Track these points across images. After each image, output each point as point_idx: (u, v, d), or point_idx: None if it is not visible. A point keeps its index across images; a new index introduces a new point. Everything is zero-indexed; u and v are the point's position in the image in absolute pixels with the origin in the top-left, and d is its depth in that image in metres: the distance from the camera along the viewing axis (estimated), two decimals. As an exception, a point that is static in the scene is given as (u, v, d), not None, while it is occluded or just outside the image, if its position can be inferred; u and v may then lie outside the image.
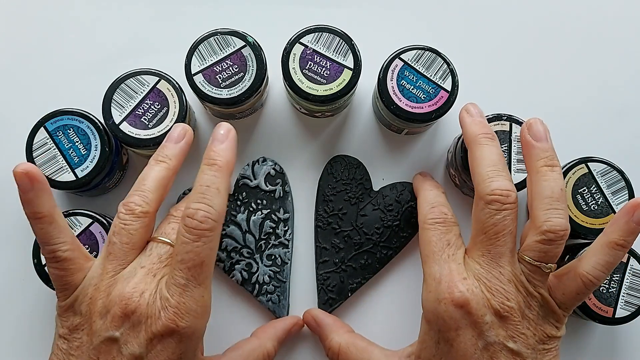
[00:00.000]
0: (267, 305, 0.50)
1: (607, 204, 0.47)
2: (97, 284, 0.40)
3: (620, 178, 0.47)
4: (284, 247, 0.51)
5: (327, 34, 0.47)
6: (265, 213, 0.51)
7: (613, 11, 0.55)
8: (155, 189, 0.42)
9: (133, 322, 0.38)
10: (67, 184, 0.47)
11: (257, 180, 0.51)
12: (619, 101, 0.54)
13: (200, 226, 0.38)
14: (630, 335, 0.51)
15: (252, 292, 0.50)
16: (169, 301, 0.38)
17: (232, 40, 0.48)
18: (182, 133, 0.44)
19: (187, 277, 0.38)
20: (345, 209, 0.51)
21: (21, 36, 0.54)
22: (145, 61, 0.50)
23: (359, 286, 0.51)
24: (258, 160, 0.52)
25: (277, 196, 0.51)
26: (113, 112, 0.47)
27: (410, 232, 0.51)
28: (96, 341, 0.38)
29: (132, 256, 0.41)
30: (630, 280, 0.46)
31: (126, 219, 0.40)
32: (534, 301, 0.41)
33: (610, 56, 0.54)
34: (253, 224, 0.51)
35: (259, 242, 0.51)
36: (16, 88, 0.54)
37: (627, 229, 0.40)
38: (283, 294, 0.50)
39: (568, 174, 0.47)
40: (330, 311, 0.51)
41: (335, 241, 0.51)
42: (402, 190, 0.51)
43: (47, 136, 0.47)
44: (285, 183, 0.52)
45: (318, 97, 0.47)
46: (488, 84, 0.54)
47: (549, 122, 0.53)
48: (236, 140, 0.41)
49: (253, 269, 0.50)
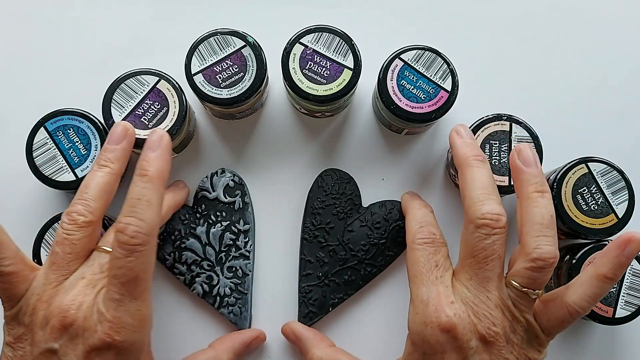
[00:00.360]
0: (228, 317, 0.50)
1: (607, 204, 0.47)
2: (40, 294, 0.39)
3: (620, 178, 0.47)
4: (245, 259, 0.51)
5: (327, 34, 0.47)
6: (224, 225, 0.51)
7: (613, 11, 0.55)
8: (99, 197, 0.41)
9: (71, 334, 0.38)
10: (67, 184, 0.47)
11: (215, 192, 0.51)
12: (619, 101, 0.54)
13: (131, 241, 0.37)
14: (630, 336, 0.51)
15: (214, 304, 0.50)
16: (104, 316, 0.37)
17: (232, 40, 0.48)
18: (122, 133, 0.43)
19: (122, 292, 0.37)
20: (332, 223, 0.51)
21: (21, 36, 0.54)
22: (145, 61, 0.50)
23: (341, 302, 0.50)
24: (217, 172, 0.52)
25: (236, 207, 0.51)
26: (113, 112, 0.47)
27: (396, 251, 0.51)
28: (36, 352, 0.38)
29: (75, 266, 0.40)
30: (630, 280, 0.46)
31: (69, 229, 0.40)
32: (519, 326, 0.41)
33: (610, 56, 0.54)
34: (213, 237, 0.50)
35: (219, 255, 0.50)
36: (16, 88, 0.53)
37: (618, 262, 0.40)
38: (245, 305, 0.50)
39: (568, 174, 0.47)
40: (309, 325, 0.50)
41: (320, 255, 0.50)
42: (391, 208, 0.51)
43: (47, 136, 0.47)
44: (245, 194, 0.51)
45: (318, 97, 0.47)
46: (488, 83, 0.54)
47: (549, 121, 0.53)
48: (170, 148, 0.40)
49: (214, 282, 0.50)
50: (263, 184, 0.53)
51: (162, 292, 0.51)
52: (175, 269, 0.50)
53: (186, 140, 0.51)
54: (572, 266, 0.47)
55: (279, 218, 0.53)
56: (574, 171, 0.48)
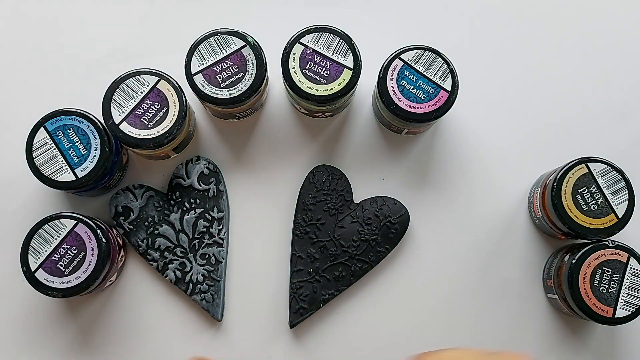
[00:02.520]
0: (201, 304, 0.50)
1: (607, 204, 0.47)
2: None
3: (620, 178, 0.47)
4: (218, 246, 0.51)
5: (327, 34, 0.47)
6: (198, 212, 0.51)
7: (615, 12, 0.55)
8: None
9: None
10: (67, 184, 0.47)
11: (190, 179, 0.51)
12: (620, 102, 0.54)
13: None
14: (630, 336, 0.51)
15: (186, 291, 0.50)
16: None
17: (232, 40, 0.48)
18: None
19: None
20: (324, 219, 0.51)
21: (21, 36, 0.54)
22: (145, 61, 0.50)
23: (332, 298, 0.50)
24: (192, 159, 0.52)
25: (210, 195, 0.51)
26: (113, 112, 0.47)
27: (387, 247, 0.51)
28: None
29: None
30: (630, 280, 0.46)
31: None
32: None
33: (611, 57, 0.54)
34: (186, 223, 0.51)
35: (192, 242, 0.51)
36: (16, 88, 0.53)
37: None
38: (217, 292, 0.50)
39: (568, 174, 0.47)
40: (300, 320, 0.50)
41: (311, 251, 0.51)
42: (382, 204, 0.51)
43: (47, 136, 0.47)
44: (220, 182, 0.52)
45: (318, 97, 0.47)
46: (488, 83, 0.54)
47: (549, 122, 0.53)
48: None
49: (187, 268, 0.50)
50: (263, 184, 0.53)
51: (134, 278, 0.52)
52: (149, 255, 0.50)
53: (186, 140, 0.51)
54: (572, 267, 0.46)
55: (278, 217, 0.53)
56: (574, 171, 0.48)
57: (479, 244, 0.52)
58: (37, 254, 0.46)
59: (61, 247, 0.46)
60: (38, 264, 0.46)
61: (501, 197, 0.53)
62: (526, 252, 0.52)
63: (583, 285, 0.46)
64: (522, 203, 0.53)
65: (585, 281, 0.46)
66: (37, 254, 0.46)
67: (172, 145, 0.49)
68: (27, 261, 0.46)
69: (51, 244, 0.46)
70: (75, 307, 0.51)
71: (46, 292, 0.46)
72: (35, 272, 0.46)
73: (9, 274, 0.50)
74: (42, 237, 0.46)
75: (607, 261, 0.46)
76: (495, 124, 0.53)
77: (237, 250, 0.52)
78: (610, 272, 0.46)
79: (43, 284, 0.46)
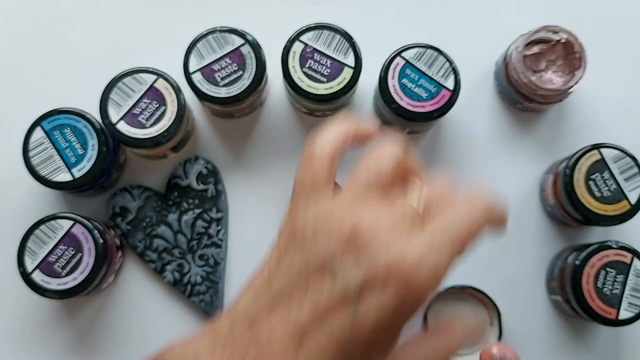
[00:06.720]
0: (199, 305, 0.50)
1: (619, 190, 0.46)
2: None
3: (633, 164, 0.47)
4: (217, 247, 0.50)
5: (327, 32, 0.47)
6: (197, 213, 0.50)
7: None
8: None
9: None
10: (64, 184, 0.46)
11: (188, 179, 0.51)
12: (633, 88, 0.53)
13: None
14: (633, 337, 0.51)
15: (184, 292, 0.50)
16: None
17: (231, 38, 0.47)
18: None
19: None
20: None
21: (18, 35, 0.54)
22: (143, 60, 0.49)
23: None
24: (190, 159, 0.51)
25: (209, 195, 0.51)
26: (110, 111, 0.47)
27: None
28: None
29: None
30: (634, 281, 0.46)
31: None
32: None
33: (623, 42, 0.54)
34: (185, 224, 0.50)
35: (190, 242, 0.50)
36: (12, 87, 0.53)
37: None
38: (216, 294, 0.50)
39: (580, 160, 0.47)
40: None
41: None
42: None
43: (44, 135, 0.46)
44: (218, 182, 0.51)
45: (318, 95, 0.47)
46: (490, 82, 0.53)
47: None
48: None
49: (185, 270, 0.50)
50: (262, 184, 0.52)
51: (132, 279, 0.51)
52: (146, 256, 0.50)
53: (184, 139, 0.51)
54: (575, 268, 0.46)
55: (278, 218, 0.52)
56: (587, 157, 0.47)
57: (482, 245, 0.52)
58: (34, 255, 0.45)
59: (58, 248, 0.46)
60: (35, 265, 0.45)
61: (505, 197, 0.52)
62: (531, 254, 0.52)
63: (586, 287, 0.46)
64: (525, 202, 0.53)
65: (589, 282, 0.46)
66: (33, 255, 0.45)
67: (170, 145, 0.49)
68: (23, 262, 0.45)
69: (48, 245, 0.46)
70: (72, 308, 0.51)
71: (43, 294, 0.45)
72: (32, 274, 0.45)
73: (5, 275, 0.50)
74: (38, 238, 0.46)
75: (611, 262, 0.46)
76: (497, 123, 0.53)
77: (236, 252, 0.52)
78: (614, 274, 0.46)
79: (40, 285, 0.45)
